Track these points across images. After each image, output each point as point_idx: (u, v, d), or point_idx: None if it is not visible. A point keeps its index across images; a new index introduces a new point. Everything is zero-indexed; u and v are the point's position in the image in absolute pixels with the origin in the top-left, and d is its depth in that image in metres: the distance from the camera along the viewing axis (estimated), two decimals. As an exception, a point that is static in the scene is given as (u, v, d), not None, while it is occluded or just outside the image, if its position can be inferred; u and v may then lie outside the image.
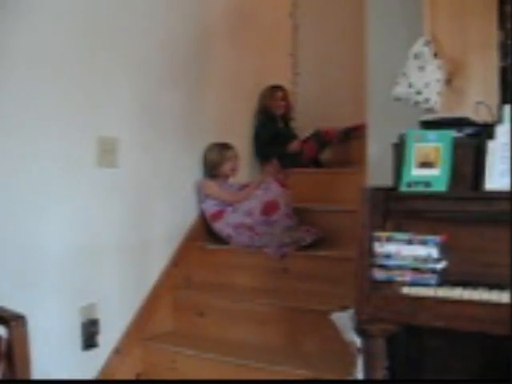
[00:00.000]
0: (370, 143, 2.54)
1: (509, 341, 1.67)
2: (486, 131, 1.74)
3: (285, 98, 3.92)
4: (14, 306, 1.69)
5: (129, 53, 2.86)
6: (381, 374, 1.75)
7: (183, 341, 2.92)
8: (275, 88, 3.89)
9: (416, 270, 1.63)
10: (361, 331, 1.75)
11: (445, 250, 1.63)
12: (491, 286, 1.56)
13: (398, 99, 2.03)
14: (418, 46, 1.99)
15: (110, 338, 2.78)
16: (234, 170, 3.43)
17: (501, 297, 1.52)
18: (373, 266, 1.68)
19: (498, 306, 1.51)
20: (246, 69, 3.75)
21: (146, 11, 2.96)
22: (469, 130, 1.81)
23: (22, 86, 2.37)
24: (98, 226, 2.70)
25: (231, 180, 3.46)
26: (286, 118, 3.98)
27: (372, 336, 1.73)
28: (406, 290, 1.63)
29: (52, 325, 2.47)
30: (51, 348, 2.44)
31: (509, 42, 1.91)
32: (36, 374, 1.70)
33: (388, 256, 1.67)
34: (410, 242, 1.64)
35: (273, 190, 3.28)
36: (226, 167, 3.39)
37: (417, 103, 1.99)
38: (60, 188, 2.53)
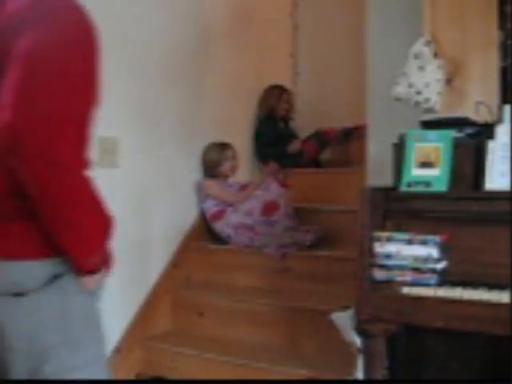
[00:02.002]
0: (370, 143, 2.54)
1: (509, 341, 1.67)
2: (485, 131, 1.75)
3: (289, 99, 3.94)
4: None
5: (129, 52, 2.85)
6: (381, 374, 1.75)
7: (183, 341, 2.92)
8: (279, 89, 3.89)
9: (416, 269, 1.64)
10: (361, 331, 1.75)
11: (445, 249, 1.63)
12: (491, 286, 1.56)
13: (398, 99, 2.03)
14: (418, 46, 1.99)
15: (110, 338, 2.77)
16: (233, 170, 3.43)
17: (501, 297, 1.52)
18: (373, 266, 1.69)
19: (498, 306, 1.52)
20: (246, 69, 3.75)
21: (145, 11, 2.96)
22: (469, 130, 1.81)
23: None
24: (97, 226, 2.70)
25: (231, 180, 3.46)
26: (286, 118, 3.98)
27: (372, 336, 1.73)
28: (406, 290, 1.64)
29: (52, 325, 2.47)
30: (51, 348, 2.44)
31: (509, 42, 1.91)
32: (36, 374, 1.70)
33: (388, 256, 1.67)
34: (410, 242, 1.65)
35: (273, 190, 3.28)
36: (226, 167, 3.38)
37: (417, 103, 1.99)
38: (60, 188, 2.53)
